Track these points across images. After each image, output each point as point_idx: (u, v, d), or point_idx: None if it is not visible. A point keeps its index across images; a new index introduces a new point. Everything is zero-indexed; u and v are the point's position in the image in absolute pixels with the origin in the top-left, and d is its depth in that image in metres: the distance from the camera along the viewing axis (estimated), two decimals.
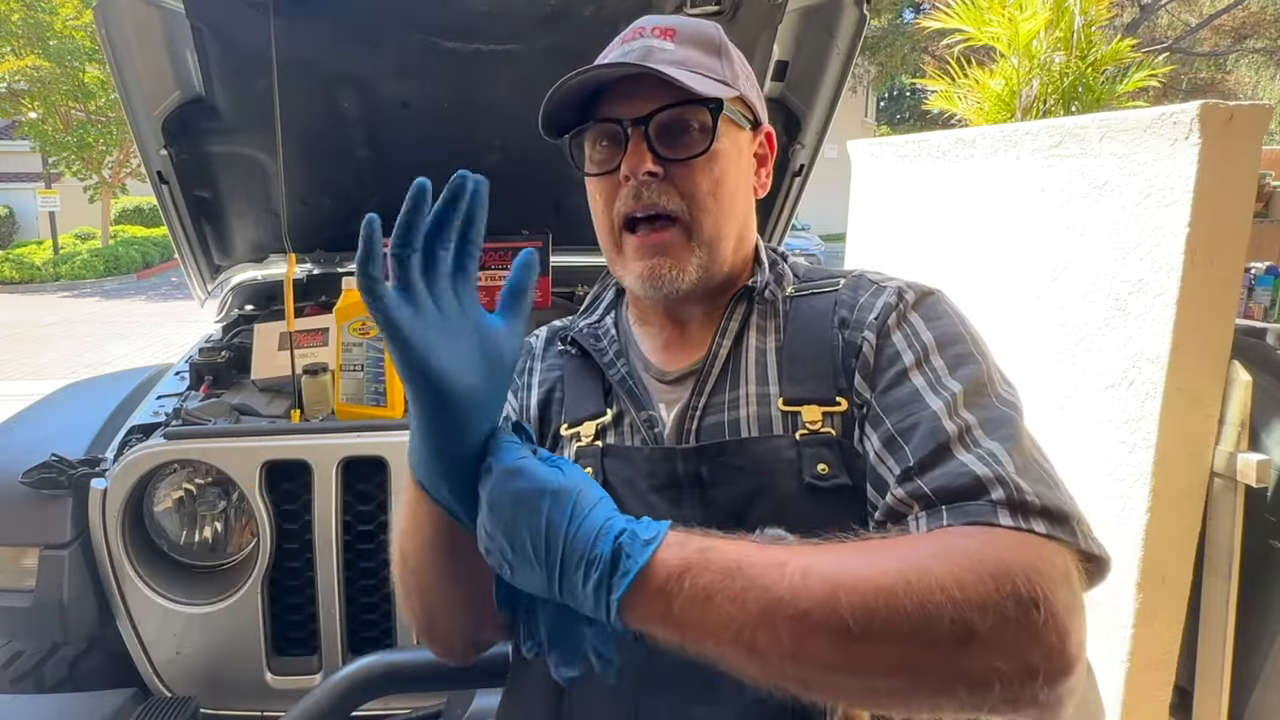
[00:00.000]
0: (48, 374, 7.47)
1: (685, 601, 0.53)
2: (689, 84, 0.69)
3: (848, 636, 0.50)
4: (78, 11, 14.06)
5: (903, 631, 0.50)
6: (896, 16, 16.06)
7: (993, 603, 0.50)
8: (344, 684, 0.96)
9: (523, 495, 0.56)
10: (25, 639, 1.63)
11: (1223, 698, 1.43)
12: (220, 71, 1.87)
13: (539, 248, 2.32)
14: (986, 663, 0.49)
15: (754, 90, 0.80)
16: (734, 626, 0.52)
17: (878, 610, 0.50)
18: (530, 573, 0.56)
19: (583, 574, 0.54)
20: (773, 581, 0.52)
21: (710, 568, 0.53)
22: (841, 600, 0.51)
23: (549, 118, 0.75)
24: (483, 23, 1.81)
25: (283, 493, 1.58)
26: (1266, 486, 1.37)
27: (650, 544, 0.55)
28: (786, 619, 0.51)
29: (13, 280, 14.46)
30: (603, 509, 0.57)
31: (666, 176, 0.73)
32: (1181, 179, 1.31)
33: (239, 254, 2.46)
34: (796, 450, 0.69)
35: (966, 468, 0.60)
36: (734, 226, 0.78)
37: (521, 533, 0.55)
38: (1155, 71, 5.05)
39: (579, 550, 0.55)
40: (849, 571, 0.52)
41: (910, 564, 0.52)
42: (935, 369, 0.68)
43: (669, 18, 0.78)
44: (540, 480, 0.56)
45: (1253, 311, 3.48)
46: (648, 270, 0.75)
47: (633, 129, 0.73)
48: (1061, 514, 0.57)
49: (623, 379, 0.79)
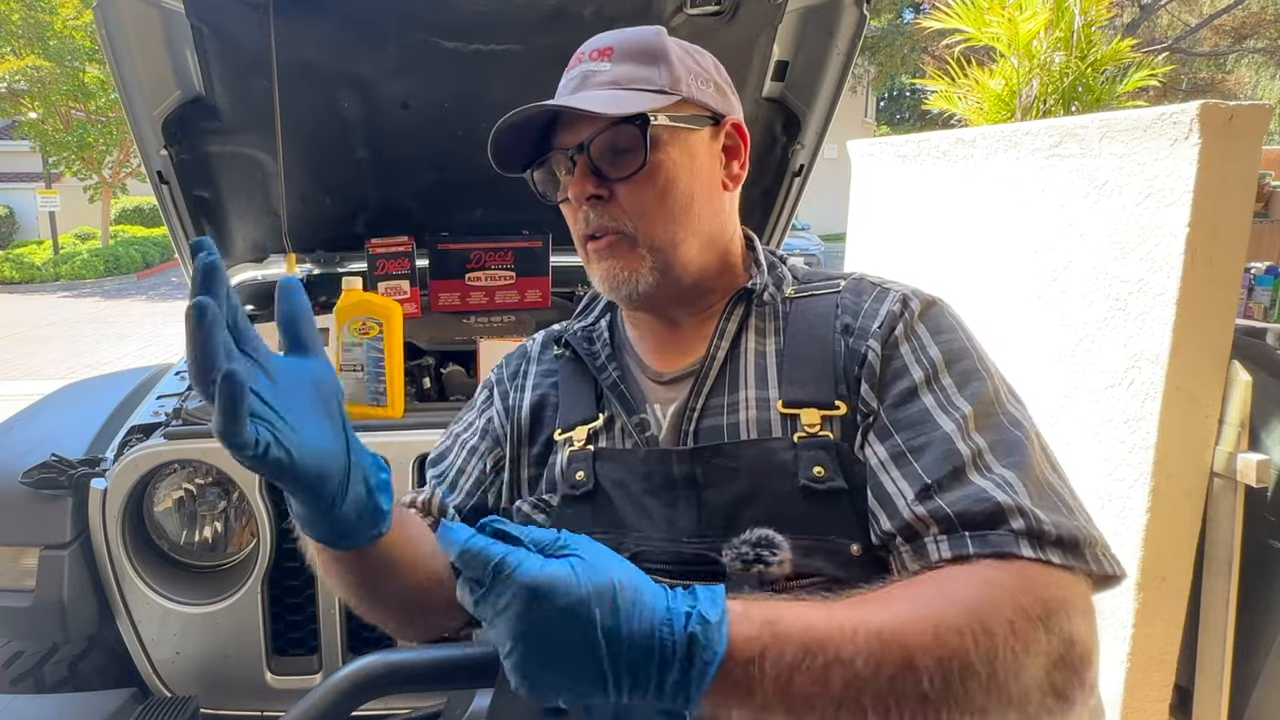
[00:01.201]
0: (47, 374, 7.47)
1: (767, 685, 0.50)
2: (602, 109, 0.71)
3: (927, 702, 0.51)
4: (78, 11, 14.07)
5: (974, 689, 0.52)
6: (896, 16, 16.06)
7: (1043, 646, 0.53)
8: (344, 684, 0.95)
9: (565, 612, 0.47)
10: (25, 639, 1.63)
11: (1223, 698, 1.43)
12: (220, 71, 1.87)
13: (538, 247, 2.35)
14: (1039, 700, 0.53)
15: (709, 85, 0.79)
16: (818, 705, 0.51)
17: (952, 673, 0.51)
18: (583, 693, 0.49)
19: (655, 676, 0.48)
20: (850, 654, 0.51)
21: (788, 645, 0.51)
22: (919, 669, 0.51)
23: (504, 153, 0.78)
24: (483, 23, 1.81)
25: (283, 493, 1.58)
26: (1266, 486, 1.37)
27: (722, 624, 0.50)
28: (871, 694, 0.51)
29: (13, 280, 14.47)
30: (652, 590, 0.51)
31: (613, 196, 0.75)
32: (1181, 179, 1.31)
33: (239, 254, 2.46)
34: (794, 453, 0.69)
35: (987, 494, 0.60)
36: (693, 228, 0.77)
37: (571, 655, 0.48)
38: (1155, 71, 5.05)
39: (644, 650, 0.48)
40: (916, 630, 0.52)
41: (971, 613, 0.54)
42: (944, 387, 0.68)
43: (611, 35, 0.78)
44: (574, 586, 0.48)
45: (1253, 311, 3.48)
46: (605, 272, 0.77)
47: (577, 156, 0.75)
48: (1075, 542, 0.59)
49: (613, 383, 0.79)
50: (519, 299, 2.35)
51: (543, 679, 0.49)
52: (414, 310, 2.26)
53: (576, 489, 0.76)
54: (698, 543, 0.70)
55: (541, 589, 0.48)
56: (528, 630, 0.48)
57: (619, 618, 0.48)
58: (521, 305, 2.35)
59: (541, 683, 0.49)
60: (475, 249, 2.31)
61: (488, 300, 2.33)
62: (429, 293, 2.32)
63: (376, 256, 2.28)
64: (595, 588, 0.48)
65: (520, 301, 2.35)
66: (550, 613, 0.47)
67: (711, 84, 0.79)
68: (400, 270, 2.29)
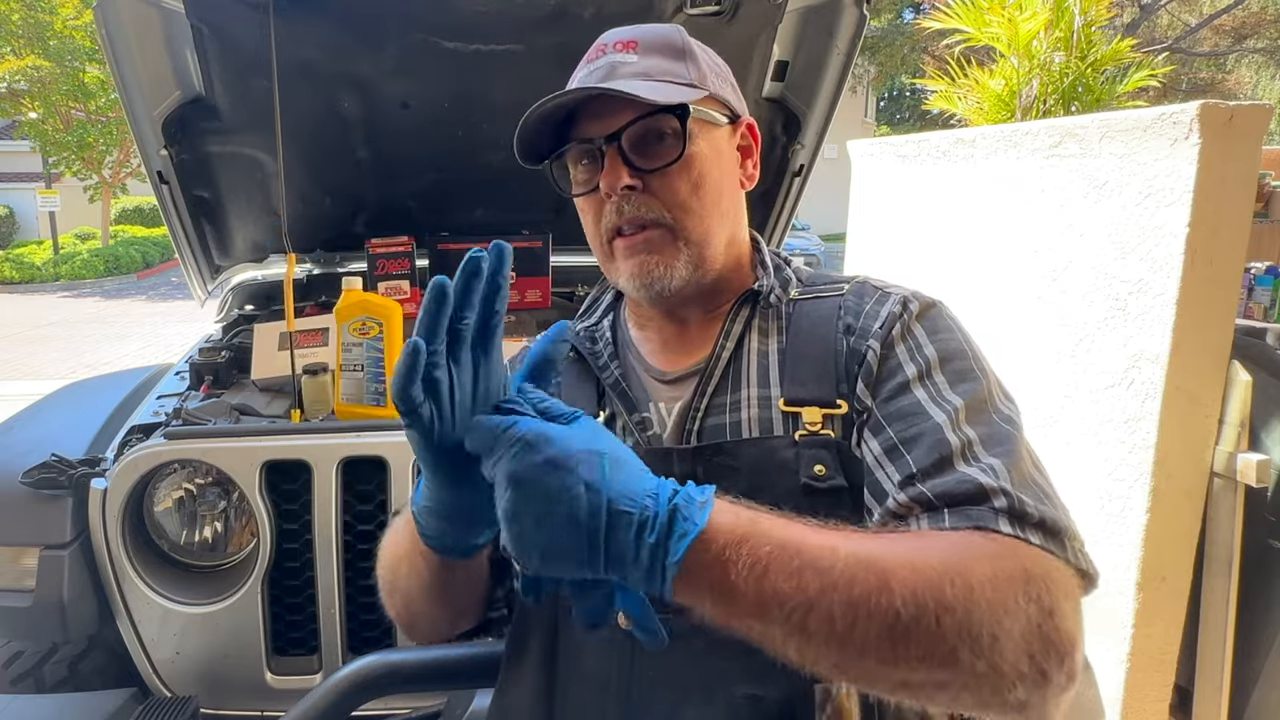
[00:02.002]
0: (47, 374, 7.47)
1: (742, 572, 0.50)
2: (649, 96, 0.70)
3: (896, 627, 0.50)
4: (78, 11, 14.07)
5: (947, 626, 0.50)
6: (896, 16, 16.06)
7: (1021, 608, 0.52)
8: (344, 684, 0.95)
9: (553, 463, 0.50)
10: (25, 639, 1.63)
11: (1223, 698, 1.43)
12: (220, 71, 1.87)
13: (538, 247, 2.35)
14: (1014, 664, 0.51)
15: (727, 85, 0.80)
16: (788, 605, 0.50)
17: (926, 604, 0.50)
18: (567, 551, 0.50)
19: (634, 536, 0.50)
20: (828, 564, 0.51)
21: (768, 540, 0.51)
22: (895, 590, 0.50)
23: (525, 146, 0.77)
24: (483, 23, 1.82)
25: (283, 493, 1.58)
26: (1266, 486, 1.37)
27: (705, 506, 0.51)
28: (841, 603, 0.50)
29: (13, 280, 14.46)
30: (641, 466, 0.53)
31: (646, 188, 0.74)
32: (1181, 179, 1.31)
33: (239, 254, 2.46)
34: (795, 451, 0.70)
35: (970, 477, 0.61)
36: (722, 224, 0.78)
37: (557, 505, 0.49)
38: (1155, 71, 5.05)
39: (628, 511, 0.50)
40: (898, 561, 0.52)
41: (951, 560, 0.53)
42: (937, 383, 0.69)
43: (630, 29, 0.78)
44: (570, 443, 0.51)
45: (1253, 311, 3.47)
46: (637, 268, 0.76)
47: (607, 146, 0.74)
48: (1056, 529, 0.59)
49: (615, 382, 0.80)
50: (519, 299, 2.35)
51: (532, 538, 0.50)
52: (414, 310, 2.26)
53: None
54: None
55: (536, 441, 0.51)
56: (520, 475, 0.50)
57: (604, 474, 0.50)
58: (521, 305, 2.35)
59: (529, 542, 0.50)
60: (475, 249, 2.31)
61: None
62: None
63: (376, 256, 2.29)
64: (586, 447, 0.51)
65: (520, 301, 2.35)
66: (539, 461, 0.50)
67: (728, 84, 0.80)
68: (400, 270, 2.29)
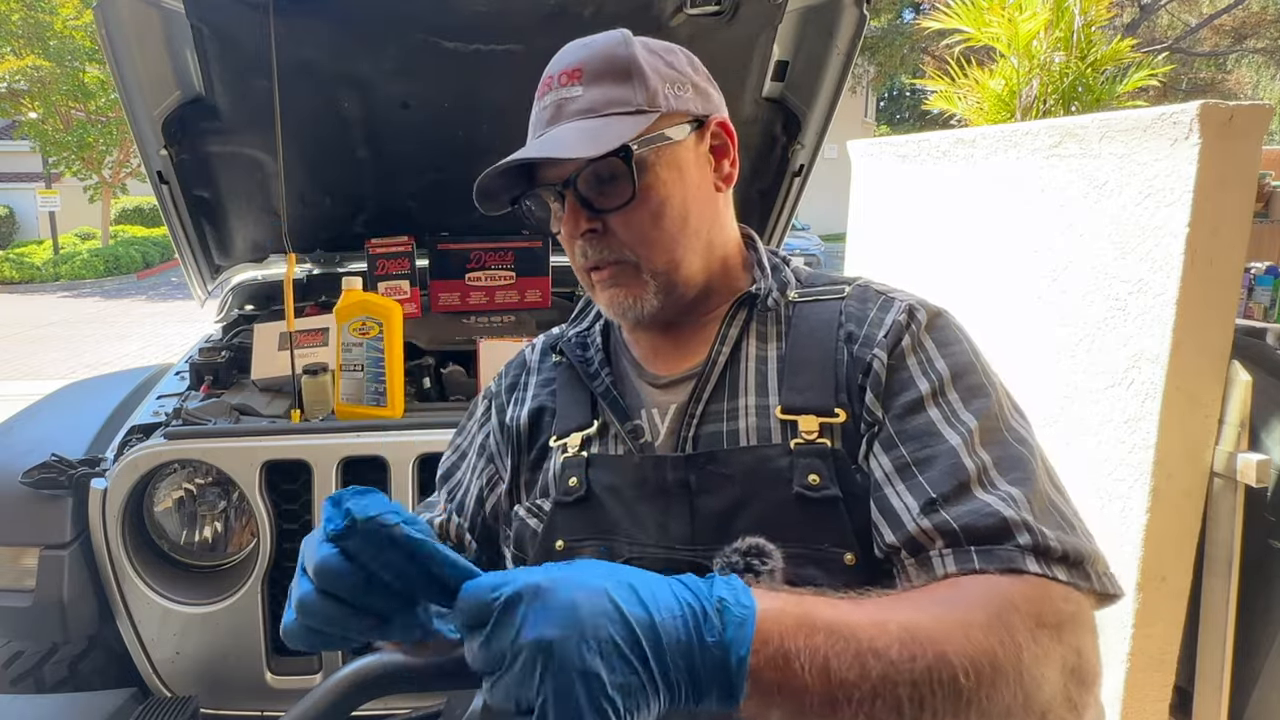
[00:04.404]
0: (47, 374, 7.47)
1: (805, 664, 0.48)
2: (584, 151, 0.69)
3: (960, 698, 0.50)
4: (78, 11, 14.07)
5: (1002, 688, 0.51)
6: (896, 16, 16.05)
7: (1058, 655, 0.54)
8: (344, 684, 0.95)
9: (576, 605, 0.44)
10: (25, 639, 1.64)
11: (1223, 698, 1.43)
12: (220, 71, 1.87)
13: (538, 247, 2.35)
14: (1054, 708, 0.53)
15: (688, 87, 0.76)
16: (855, 695, 0.48)
17: (984, 670, 0.50)
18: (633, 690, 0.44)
19: (698, 645, 0.46)
20: (884, 644, 0.49)
21: (817, 626, 0.49)
22: (954, 662, 0.50)
23: (486, 195, 0.77)
24: (483, 23, 1.82)
25: (283, 493, 1.58)
26: (1266, 486, 1.37)
27: (746, 591, 0.49)
28: (907, 684, 0.49)
29: (13, 280, 14.47)
30: (655, 575, 0.50)
31: (606, 227, 0.74)
32: (1181, 179, 1.31)
33: (239, 254, 2.46)
34: (790, 460, 0.69)
35: (992, 509, 0.60)
36: (694, 243, 0.77)
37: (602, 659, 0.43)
38: (1155, 71, 5.05)
39: (675, 621, 0.46)
40: (948, 629, 0.52)
41: (993, 617, 0.53)
42: (950, 401, 0.68)
43: (575, 53, 0.76)
44: (583, 578, 0.46)
45: (1253, 311, 3.48)
46: (609, 300, 0.77)
47: (565, 190, 0.73)
48: (1080, 559, 0.59)
49: (606, 390, 0.79)
50: (519, 299, 2.35)
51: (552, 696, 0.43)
52: (414, 310, 2.26)
53: (569, 495, 0.76)
54: (690, 550, 0.69)
55: (551, 583, 0.46)
56: (546, 636, 0.43)
57: (634, 599, 0.46)
58: (521, 305, 2.35)
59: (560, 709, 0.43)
60: (475, 249, 2.31)
61: (488, 300, 2.33)
62: (429, 293, 2.32)
63: (376, 256, 2.28)
64: (608, 574, 0.48)
65: (520, 301, 2.35)
66: (564, 602, 0.44)
67: (689, 86, 0.76)
68: (400, 270, 2.29)
